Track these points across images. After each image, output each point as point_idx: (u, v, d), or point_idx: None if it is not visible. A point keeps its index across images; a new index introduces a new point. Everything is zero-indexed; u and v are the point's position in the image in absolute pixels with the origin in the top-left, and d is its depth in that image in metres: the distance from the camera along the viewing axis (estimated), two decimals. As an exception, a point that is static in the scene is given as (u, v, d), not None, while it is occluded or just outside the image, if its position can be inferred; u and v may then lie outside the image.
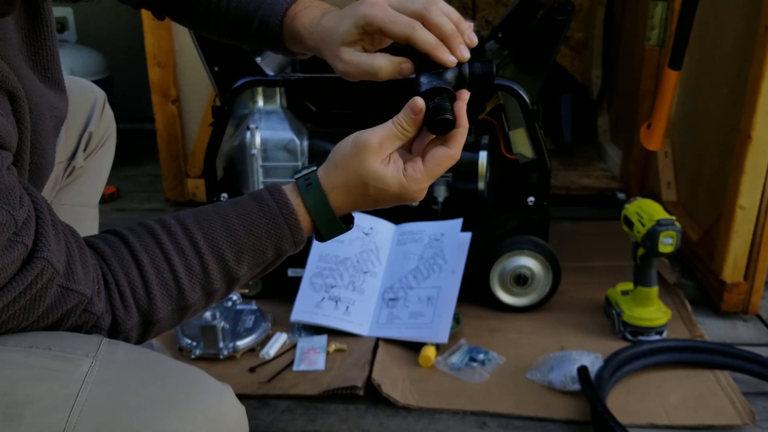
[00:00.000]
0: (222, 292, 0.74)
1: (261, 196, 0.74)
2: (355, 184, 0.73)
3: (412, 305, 1.51)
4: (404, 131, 0.73)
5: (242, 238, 0.72)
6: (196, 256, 0.70)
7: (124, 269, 0.68)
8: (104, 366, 0.61)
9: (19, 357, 0.60)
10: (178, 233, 0.70)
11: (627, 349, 1.39)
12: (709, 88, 1.78)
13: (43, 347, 0.61)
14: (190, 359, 1.43)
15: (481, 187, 1.53)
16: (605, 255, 1.89)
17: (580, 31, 2.93)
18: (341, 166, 0.74)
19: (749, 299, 1.61)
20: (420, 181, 0.74)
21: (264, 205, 0.73)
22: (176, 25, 2.15)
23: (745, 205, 1.53)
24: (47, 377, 0.60)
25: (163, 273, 0.69)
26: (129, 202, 2.42)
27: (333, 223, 0.75)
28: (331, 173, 0.74)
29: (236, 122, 1.55)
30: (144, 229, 0.71)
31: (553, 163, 1.60)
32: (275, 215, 0.72)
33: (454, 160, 0.75)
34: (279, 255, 0.75)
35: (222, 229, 0.71)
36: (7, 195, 0.58)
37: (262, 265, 0.75)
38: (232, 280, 0.73)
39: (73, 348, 0.62)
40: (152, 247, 0.69)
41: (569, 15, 1.43)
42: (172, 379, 0.63)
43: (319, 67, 1.53)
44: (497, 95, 1.50)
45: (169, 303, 0.70)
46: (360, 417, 1.29)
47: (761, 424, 1.25)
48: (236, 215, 0.72)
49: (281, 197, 0.73)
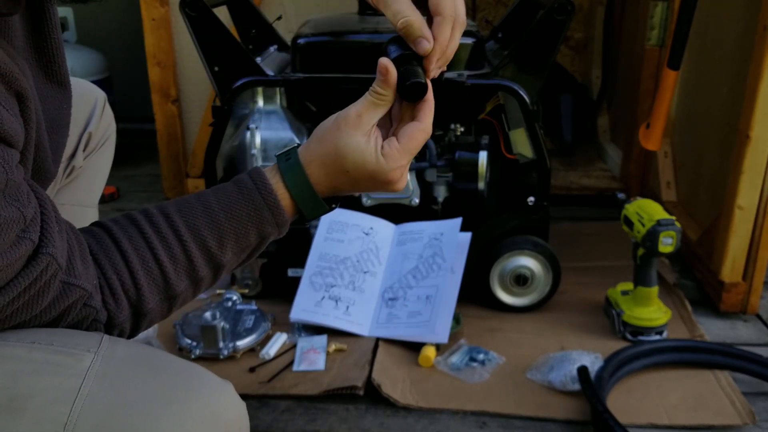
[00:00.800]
0: (209, 280, 0.74)
1: (240, 179, 0.73)
2: (333, 158, 0.72)
3: (411, 304, 1.51)
4: (379, 96, 0.72)
5: (224, 223, 0.71)
6: (179, 244, 0.70)
7: (111, 262, 0.68)
8: (105, 361, 0.61)
9: (21, 352, 0.61)
10: (160, 222, 0.70)
11: (627, 349, 1.39)
12: (708, 87, 1.78)
13: (45, 342, 0.61)
14: (190, 359, 1.43)
15: (481, 187, 1.53)
16: (605, 255, 1.89)
17: (580, 31, 2.93)
18: (320, 138, 0.73)
19: (748, 299, 1.61)
20: (396, 158, 0.73)
21: (243, 188, 0.72)
22: (176, 25, 2.16)
23: (744, 205, 1.53)
24: (49, 371, 0.60)
25: (148, 263, 0.69)
26: (129, 202, 2.42)
27: (313, 199, 0.74)
28: (311, 147, 0.74)
29: (236, 122, 1.55)
30: (128, 219, 0.71)
31: (553, 163, 1.60)
32: (254, 196, 0.72)
33: (427, 133, 0.74)
34: (263, 238, 0.74)
35: (203, 216, 0.71)
36: (16, 192, 0.58)
37: (247, 250, 0.74)
38: (217, 266, 0.73)
39: (75, 343, 0.62)
40: (136, 237, 0.69)
41: (569, 15, 1.44)
42: (172, 375, 0.63)
43: (319, 67, 1.53)
44: (497, 95, 1.50)
45: (157, 293, 0.70)
46: (360, 417, 1.29)
47: (761, 424, 1.25)
48: (216, 201, 0.72)
49: (260, 177, 0.73)
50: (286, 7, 2.14)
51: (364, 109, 0.72)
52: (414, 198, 1.55)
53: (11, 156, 0.58)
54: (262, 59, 1.66)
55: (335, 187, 0.74)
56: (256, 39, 1.77)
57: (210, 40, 1.49)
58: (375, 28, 1.56)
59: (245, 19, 1.75)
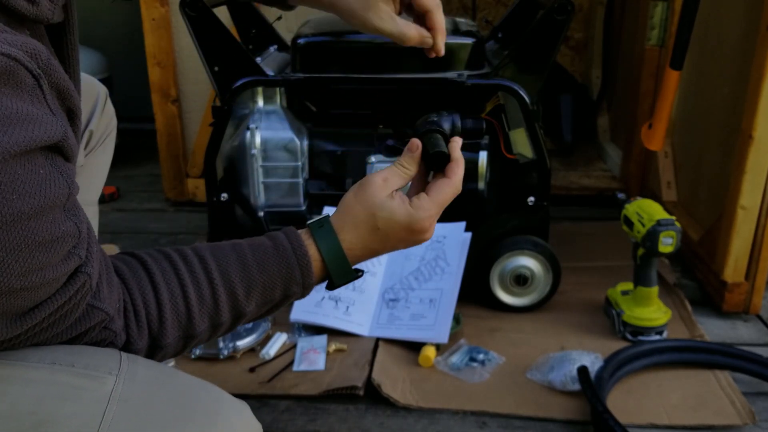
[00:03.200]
0: (227, 326, 0.76)
1: (276, 236, 0.77)
2: (364, 218, 0.77)
3: (414, 307, 1.51)
4: (405, 169, 0.80)
5: (254, 274, 0.74)
6: (208, 286, 0.72)
7: (141, 290, 0.70)
8: (127, 384, 0.62)
9: (44, 374, 0.60)
10: (194, 262, 0.73)
11: (627, 349, 1.39)
12: (709, 88, 1.78)
13: (65, 363, 0.61)
14: (190, 359, 1.43)
15: (481, 187, 1.53)
16: (605, 255, 1.89)
17: (580, 31, 2.93)
18: (349, 205, 0.78)
19: (750, 299, 1.61)
20: (426, 207, 0.78)
21: (278, 244, 0.76)
22: (176, 25, 2.16)
23: (747, 205, 1.53)
24: (73, 395, 0.60)
25: (177, 298, 0.71)
26: (129, 202, 2.42)
27: (343, 264, 0.77)
28: (341, 214, 0.78)
29: (236, 122, 1.55)
30: (161, 254, 0.73)
31: (553, 163, 1.60)
32: (288, 254, 0.75)
33: (456, 188, 0.81)
34: (287, 296, 0.77)
35: (236, 264, 0.74)
36: (74, 206, 0.59)
37: (269, 305, 0.77)
38: (238, 315, 0.75)
39: (96, 365, 0.62)
40: (168, 272, 0.71)
41: (569, 15, 1.43)
42: (192, 398, 0.65)
43: (319, 67, 1.53)
44: (497, 95, 1.50)
45: (178, 329, 0.72)
46: (360, 417, 1.29)
47: (761, 424, 1.25)
48: (251, 251, 0.75)
49: (295, 238, 0.76)
50: (286, 7, 2.14)
51: (390, 175, 0.79)
52: (414, 198, 1.54)
53: (71, 170, 0.58)
54: (262, 59, 1.65)
55: (366, 247, 0.78)
56: (256, 39, 1.76)
57: (210, 40, 1.49)
58: (375, 27, 1.56)
59: (245, 19, 1.75)
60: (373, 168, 1.51)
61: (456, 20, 1.67)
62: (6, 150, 0.49)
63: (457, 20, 1.67)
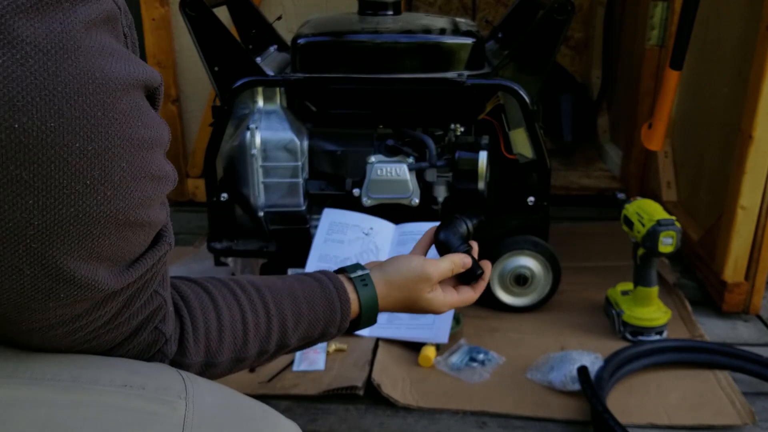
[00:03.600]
0: (269, 355, 0.80)
1: (321, 279, 0.84)
2: (408, 303, 0.90)
3: (412, 305, 1.51)
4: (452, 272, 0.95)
5: (303, 309, 0.80)
6: (265, 315, 0.76)
7: (202, 307, 0.72)
8: (197, 409, 0.61)
9: (118, 399, 0.58)
10: (252, 292, 0.77)
11: (627, 349, 1.39)
12: (709, 87, 1.78)
13: (137, 386, 0.59)
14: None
15: (481, 187, 1.53)
16: (605, 255, 1.89)
17: (580, 31, 2.93)
18: (402, 287, 0.89)
19: (750, 299, 1.61)
20: (448, 305, 0.94)
21: (325, 287, 0.82)
22: (176, 25, 2.16)
23: (747, 205, 1.53)
24: (149, 422, 0.58)
25: (236, 323, 0.74)
26: (129, 202, 2.42)
27: (372, 320, 0.88)
28: (391, 287, 0.88)
29: (236, 122, 1.55)
30: (219, 282, 0.76)
31: (553, 163, 1.60)
32: (333, 298, 0.82)
33: (474, 300, 0.97)
34: (323, 335, 0.83)
35: (288, 298, 0.79)
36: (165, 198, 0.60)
37: (307, 340, 0.82)
38: (282, 345, 0.79)
39: (164, 387, 0.61)
40: (229, 298, 0.75)
41: (569, 15, 1.43)
42: (255, 422, 0.66)
43: (319, 67, 1.53)
44: (497, 95, 1.50)
45: (233, 350, 0.74)
46: (360, 417, 1.29)
47: (761, 424, 1.25)
48: (300, 288, 0.81)
49: (341, 286, 0.83)
50: (286, 7, 2.14)
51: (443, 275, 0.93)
52: (414, 198, 1.54)
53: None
54: (262, 59, 1.65)
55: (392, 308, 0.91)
56: (256, 39, 1.77)
57: (210, 40, 1.49)
58: (375, 28, 1.56)
59: (245, 19, 1.75)
60: (373, 168, 1.51)
61: (456, 20, 1.67)
62: (120, 79, 0.49)
63: (457, 20, 1.67)
